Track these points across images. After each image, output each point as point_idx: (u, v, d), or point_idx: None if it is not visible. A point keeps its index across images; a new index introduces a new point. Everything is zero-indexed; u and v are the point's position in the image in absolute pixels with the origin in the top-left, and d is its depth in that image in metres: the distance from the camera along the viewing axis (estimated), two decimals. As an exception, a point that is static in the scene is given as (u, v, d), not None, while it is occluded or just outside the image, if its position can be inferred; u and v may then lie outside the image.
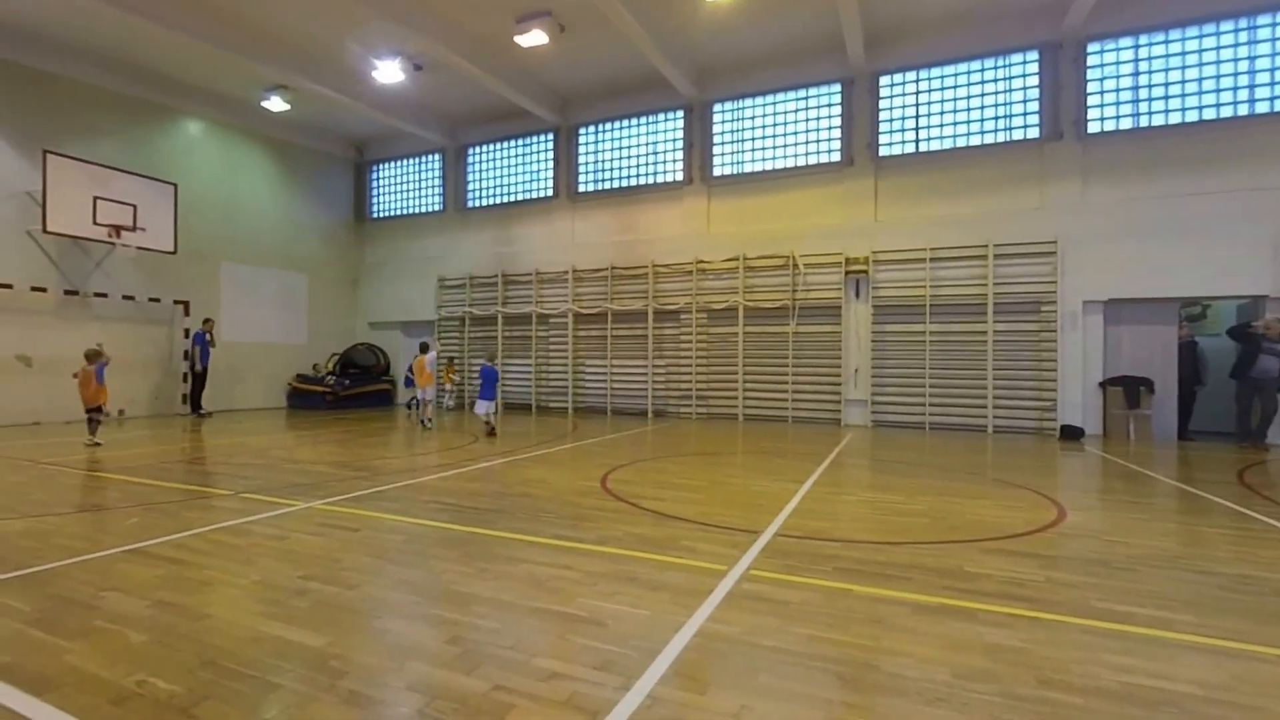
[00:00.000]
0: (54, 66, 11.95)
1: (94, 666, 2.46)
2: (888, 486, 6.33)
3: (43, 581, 3.41)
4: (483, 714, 2.17)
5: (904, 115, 12.24)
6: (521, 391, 15.45)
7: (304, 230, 16.69)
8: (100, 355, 8.95)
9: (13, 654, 2.57)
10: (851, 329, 12.40)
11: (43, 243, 11.75)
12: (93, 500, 5.42)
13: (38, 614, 2.97)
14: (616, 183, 14.79)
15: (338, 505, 5.24)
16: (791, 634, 2.83)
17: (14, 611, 2.99)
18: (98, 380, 8.84)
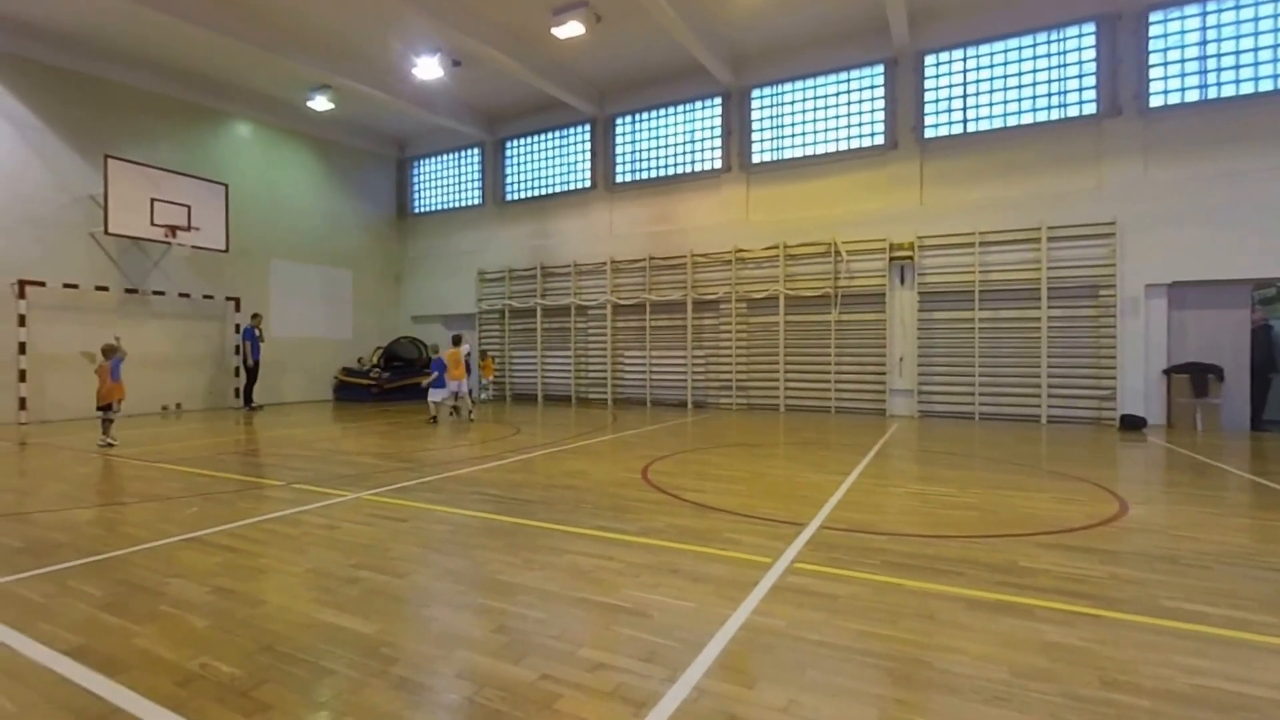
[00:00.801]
0: (113, 74, 12.51)
1: (161, 649, 2.57)
2: (936, 478, 6.14)
3: (112, 568, 3.58)
4: (530, 703, 2.18)
5: (951, 95, 11.80)
6: (561, 383, 15.58)
7: (348, 227, 17.13)
8: (116, 350, 8.68)
9: (86, 636, 2.70)
10: (896, 316, 12.07)
11: (105, 244, 12.36)
12: (155, 490, 5.68)
13: (108, 599, 3.12)
14: (654, 172, 14.70)
15: (385, 496, 5.36)
16: (839, 628, 2.77)
17: (86, 596, 3.15)
18: (113, 376, 8.53)
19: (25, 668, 2.43)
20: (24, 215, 11.42)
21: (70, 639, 2.66)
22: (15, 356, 11.14)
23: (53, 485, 5.89)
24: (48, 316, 11.61)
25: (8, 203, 11.24)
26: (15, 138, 11.36)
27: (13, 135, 11.33)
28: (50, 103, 11.74)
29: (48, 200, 11.71)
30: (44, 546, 3.97)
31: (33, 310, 11.34)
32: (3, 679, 2.34)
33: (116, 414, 8.47)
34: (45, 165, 11.70)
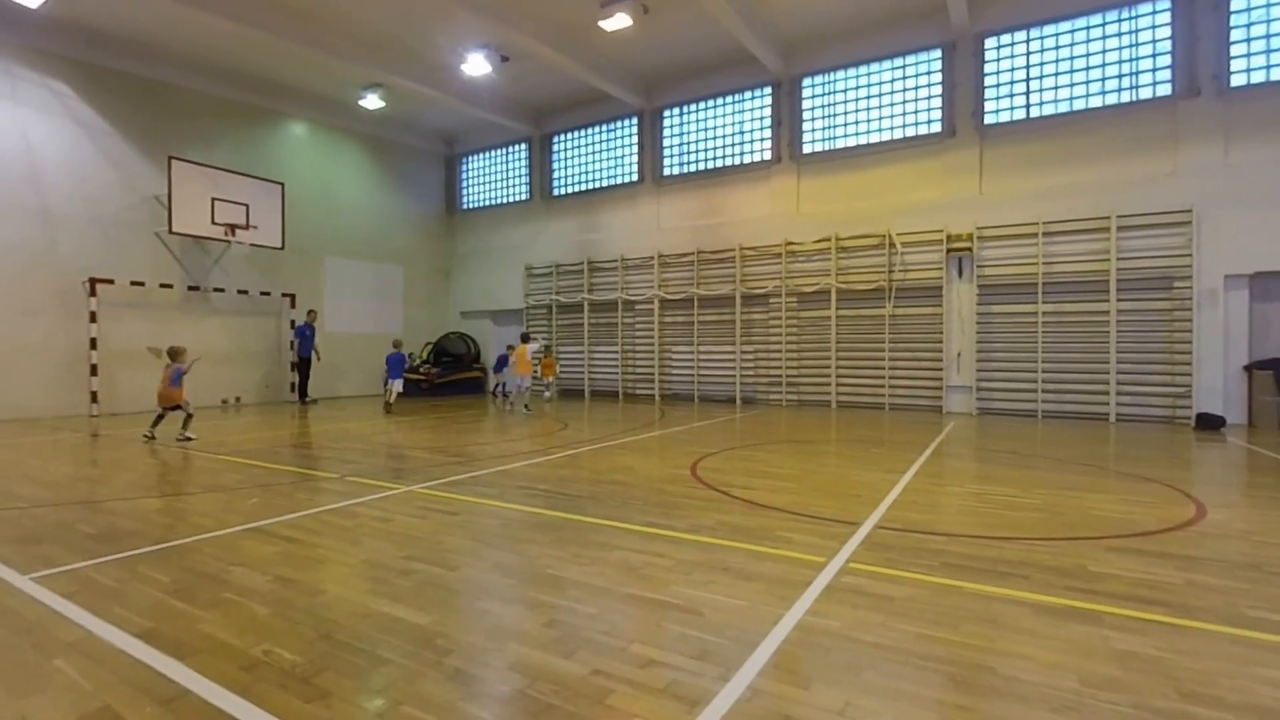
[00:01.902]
0: (175, 78, 13.10)
1: (225, 635, 2.65)
2: (997, 478, 5.88)
3: (179, 555, 3.73)
4: (582, 697, 2.16)
5: (1013, 79, 11.26)
6: (608, 378, 15.62)
7: (399, 223, 17.56)
8: (182, 355, 8.73)
9: (156, 620, 2.81)
10: (954, 310, 11.63)
11: (168, 242, 12.97)
12: (217, 481, 5.92)
13: (175, 585, 3.24)
14: (702, 165, 14.55)
15: (436, 489, 5.45)
16: (896, 630, 2.66)
17: (155, 582, 3.29)
18: (173, 383, 8.53)
19: (101, 649, 2.54)
20: (93, 216, 12.08)
21: (141, 623, 2.77)
22: (87, 352, 11.81)
23: (123, 475, 6.21)
24: (116, 313, 12.27)
25: (79, 204, 11.91)
26: (85, 141, 12.02)
27: (83, 139, 11.99)
28: (117, 107, 12.38)
29: (115, 201, 12.36)
30: (116, 533, 4.17)
31: (102, 307, 12.00)
32: (81, 659, 2.45)
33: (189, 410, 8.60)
34: (113, 167, 12.35)
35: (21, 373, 11.21)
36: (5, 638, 2.65)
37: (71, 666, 2.39)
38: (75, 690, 2.23)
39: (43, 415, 11.31)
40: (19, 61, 11.23)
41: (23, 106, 11.29)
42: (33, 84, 11.40)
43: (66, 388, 11.68)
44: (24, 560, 3.63)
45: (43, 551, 3.79)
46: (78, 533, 4.19)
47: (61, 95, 11.73)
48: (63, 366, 11.64)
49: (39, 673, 2.36)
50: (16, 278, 11.18)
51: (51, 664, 2.42)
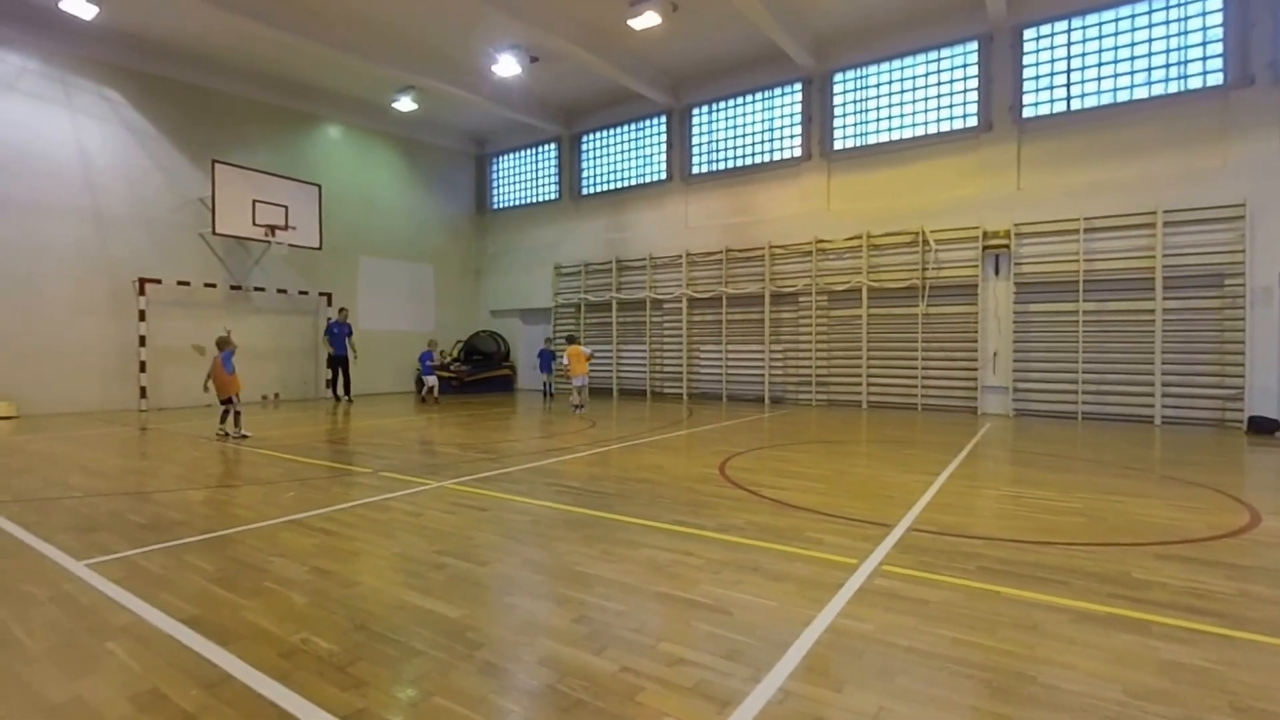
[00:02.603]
0: (219, 85, 13.52)
1: (266, 623, 2.73)
2: (1035, 481, 5.71)
3: (221, 545, 3.85)
4: (612, 694, 2.16)
5: (1053, 71, 10.91)
6: (636, 377, 15.64)
7: (430, 223, 17.85)
8: (227, 343, 8.56)
9: (201, 607, 2.91)
10: (990, 309, 11.33)
11: (212, 243, 13.41)
12: (257, 475, 6.10)
13: (219, 573, 3.35)
14: (731, 163, 14.46)
15: (467, 485, 5.53)
16: (931, 635, 2.61)
17: (200, 570, 3.40)
18: (225, 369, 8.36)
19: (150, 633, 2.64)
20: (142, 218, 12.55)
21: (187, 609, 2.87)
22: (136, 349, 12.29)
23: (169, 468, 6.44)
24: (163, 312, 12.73)
25: (129, 207, 12.39)
26: (135, 146, 12.49)
27: (133, 144, 12.46)
28: (165, 113, 12.83)
29: (162, 203, 12.82)
30: (163, 523, 4.33)
31: (151, 306, 12.46)
32: (131, 643, 2.56)
33: (238, 406, 8.46)
34: (161, 171, 12.81)
35: (77, 368, 11.71)
36: (62, 621, 2.78)
37: (122, 649, 2.50)
38: (126, 672, 2.32)
39: (96, 409, 11.80)
40: (75, 71, 11.73)
41: (79, 114, 11.80)
42: (87, 92, 11.90)
43: (117, 383, 12.17)
44: (80, 547, 3.80)
45: (97, 539, 3.96)
46: (128, 522, 4.37)
47: (114, 103, 12.22)
48: (114, 363, 12.14)
49: (92, 655, 2.47)
50: (73, 278, 11.69)
51: (104, 646, 2.53)
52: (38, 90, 11.37)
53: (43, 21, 11.12)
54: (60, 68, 11.58)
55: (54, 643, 2.58)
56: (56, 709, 2.11)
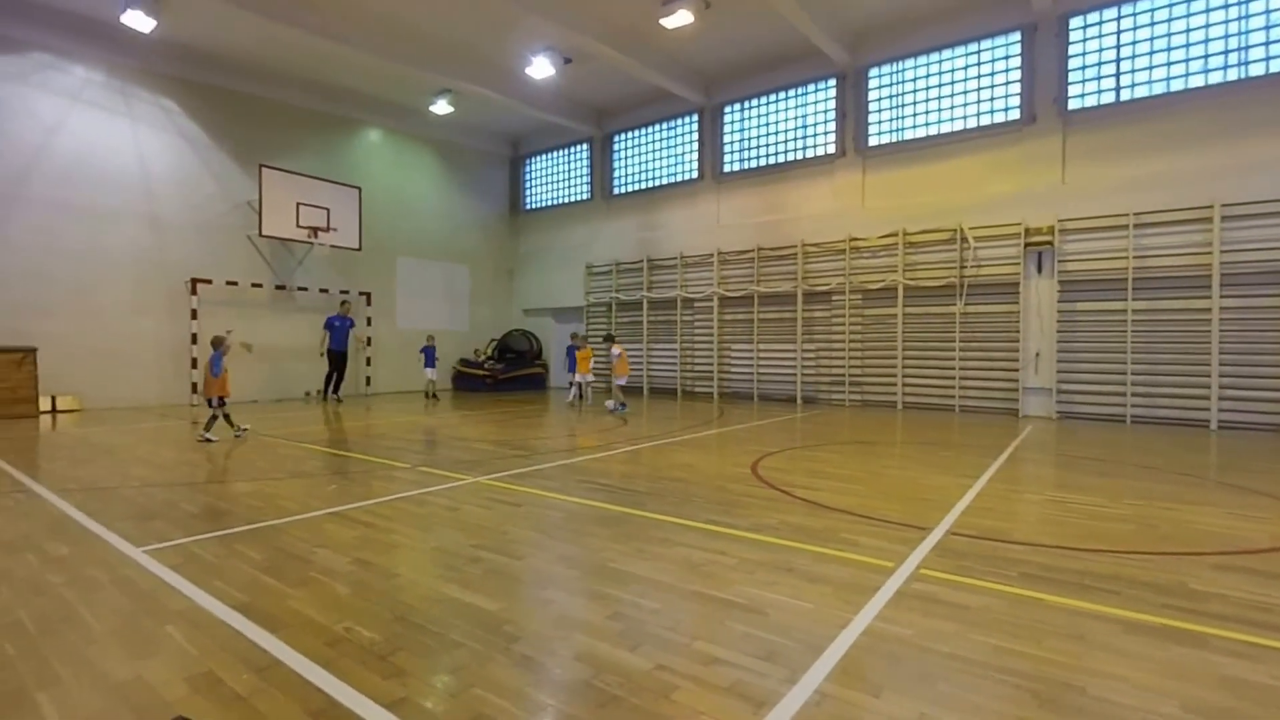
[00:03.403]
0: (266, 92, 13.98)
1: (311, 611, 2.82)
2: (1081, 486, 5.53)
3: (269, 535, 3.99)
4: (647, 691, 2.17)
5: (1101, 61, 10.52)
6: (666, 376, 15.64)
7: (465, 224, 18.14)
8: (220, 342, 8.05)
9: (250, 595, 3.02)
10: (1032, 308, 11.00)
11: (259, 245, 13.88)
12: (301, 468, 6.29)
13: (266, 563, 3.47)
14: (763, 160, 14.34)
15: (501, 481, 5.61)
16: (973, 642, 2.55)
17: (249, 559, 3.53)
18: (213, 370, 7.93)
19: (204, 618, 2.75)
20: (195, 221, 13.07)
21: (238, 596, 2.99)
22: (188, 346, 12.82)
23: (219, 460, 6.69)
24: (213, 311, 13.21)
25: (183, 211, 12.92)
26: (189, 153, 13.02)
27: (187, 151, 12.99)
28: (216, 120, 13.33)
29: (213, 207, 13.33)
30: (214, 513, 4.51)
31: (202, 305, 12.98)
32: (187, 627, 2.67)
33: (219, 409, 7.98)
34: (212, 176, 13.32)
35: (135, 365, 12.27)
36: (124, 604, 2.93)
37: (179, 633, 2.61)
38: (183, 655, 2.43)
39: (151, 403, 12.35)
40: (134, 82, 12.28)
41: (138, 123, 12.36)
42: (146, 102, 12.45)
43: (171, 379, 12.72)
44: (139, 534, 3.99)
45: (154, 527, 4.15)
46: (182, 511, 4.56)
47: (170, 111, 12.76)
48: (168, 359, 12.69)
49: (152, 637, 2.59)
50: (132, 279, 12.26)
51: (163, 630, 2.65)
52: (101, 101, 11.94)
53: (105, 36, 11.66)
54: (121, 79, 12.14)
55: (116, 625, 2.71)
56: (120, 687, 2.22)
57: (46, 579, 3.26)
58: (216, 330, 13.15)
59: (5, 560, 3.56)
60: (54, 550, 3.72)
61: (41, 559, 3.57)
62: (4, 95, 10.93)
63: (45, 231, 11.33)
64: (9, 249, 10.97)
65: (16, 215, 11.07)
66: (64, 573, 3.35)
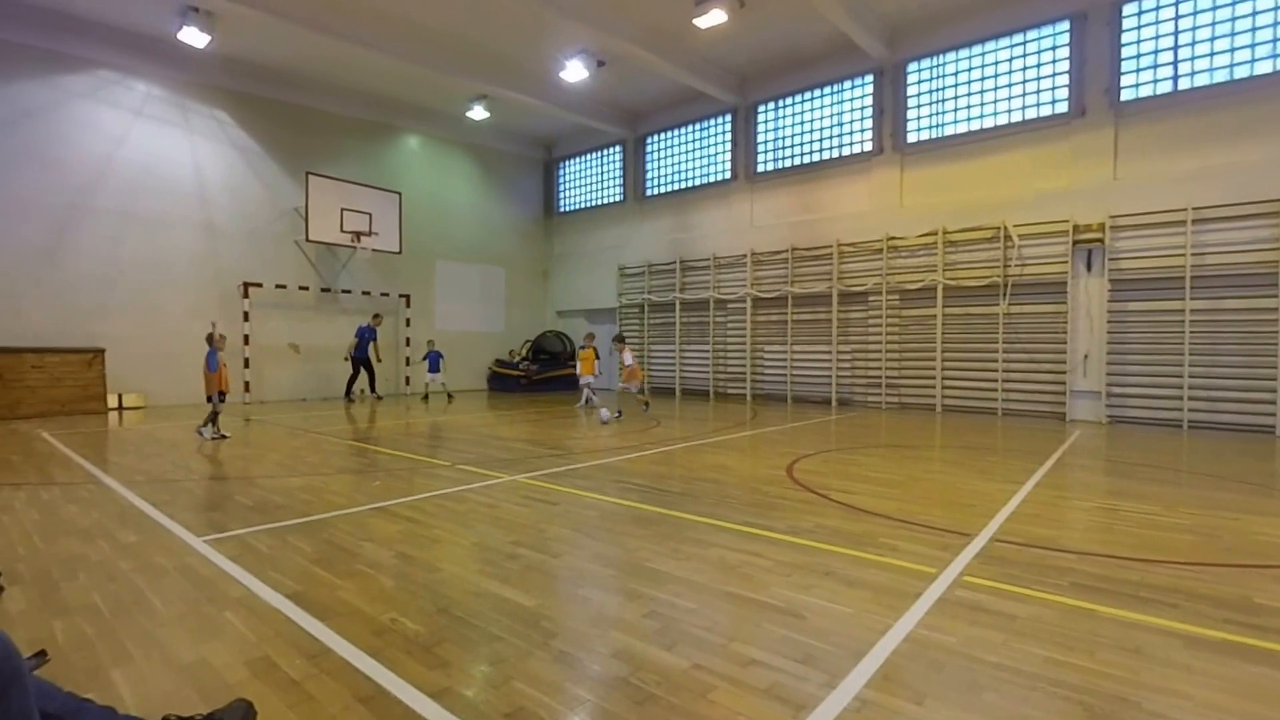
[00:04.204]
0: (312, 102, 14.48)
1: (359, 602, 2.92)
2: (1135, 494, 5.31)
3: (318, 528, 4.14)
4: (684, 690, 2.19)
5: (1157, 49, 10.09)
6: (699, 377, 15.60)
7: (501, 227, 18.44)
8: (212, 338, 7.99)
9: (303, 585, 3.14)
10: (1081, 307, 10.61)
11: (305, 249, 14.38)
12: (347, 464, 6.49)
13: (317, 554, 3.60)
14: (797, 160, 14.19)
15: (538, 480, 5.69)
16: (1021, 652, 2.48)
17: (300, 550, 3.67)
18: (208, 367, 7.92)
19: (260, 606, 2.88)
20: (247, 228, 13.63)
21: (291, 585, 3.11)
22: (241, 346, 13.33)
23: (271, 456, 6.95)
24: (263, 313, 13.76)
25: (236, 218, 13.49)
26: (240, 162, 13.57)
27: (239, 160, 13.55)
28: (266, 130, 13.87)
29: (263, 214, 13.87)
30: (268, 506, 4.69)
31: (253, 308, 13.51)
32: (245, 614, 2.80)
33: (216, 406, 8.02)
34: (262, 184, 13.86)
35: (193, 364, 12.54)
36: (188, 590, 3.08)
37: (238, 619, 2.74)
38: (242, 640, 2.55)
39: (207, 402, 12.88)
40: (190, 96, 12.89)
41: (194, 135, 12.97)
42: (201, 115, 13.05)
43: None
44: (199, 525, 4.19)
45: (212, 519, 4.35)
46: (238, 504, 4.77)
47: (223, 123, 13.33)
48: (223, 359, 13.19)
49: (214, 622, 2.72)
50: (189, 283, 12.86)
51: (223, 615, 2.78)
52: (161, 115, 12.57)
53: (164, 52, 12.27)
54: (179, 93, 12.75)
55: (181, 610, 2.86)
56: (186, 668, 2.35)
57: (118, 565, 3.46)
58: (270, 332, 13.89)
59: (81, 547, 3.79)
60: (124, 538, 3.94)
61: (113, 546, 3.79)
62: (75, 112, 11.59)
63: (111, 239, 11.97)
64: (79, 256, 11.62)
65: (86, 224, 11.72)
66: (133, 559, 3.54)
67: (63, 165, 11.47)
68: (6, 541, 3.87)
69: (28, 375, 10.56)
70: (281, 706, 2.08)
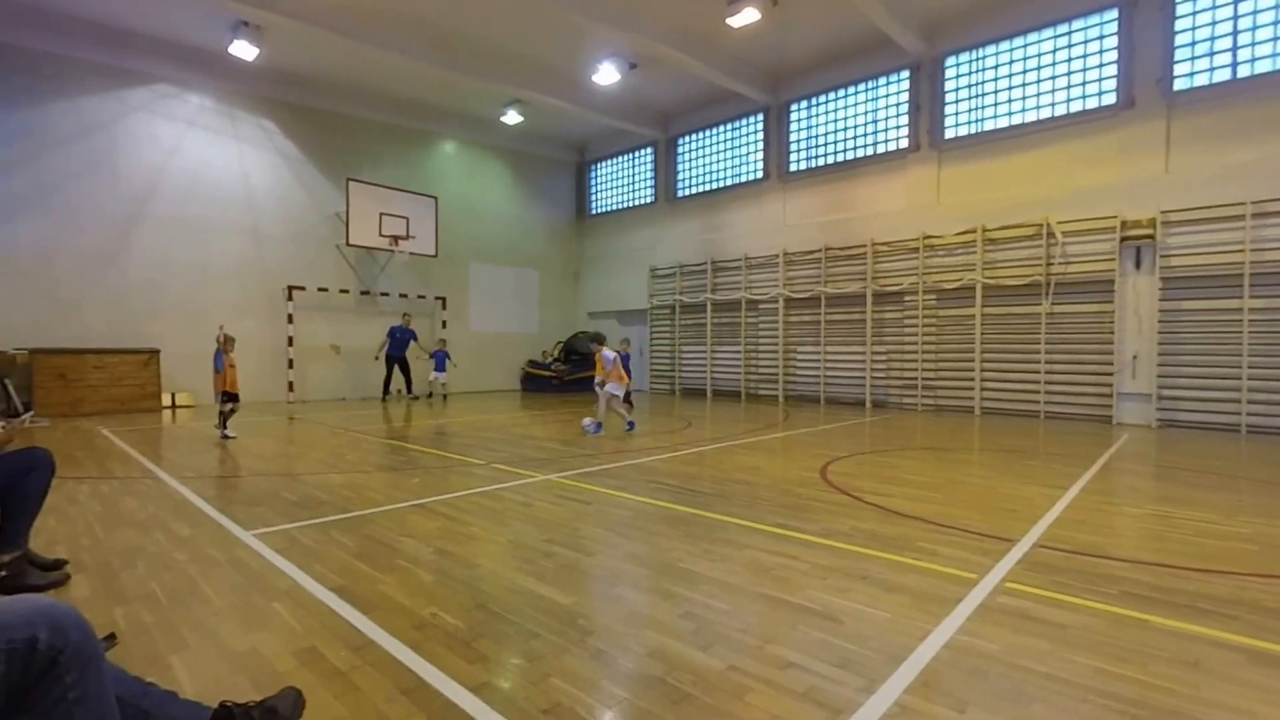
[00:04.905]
0: (352, 110, 14.90)
1: (400, 596, 2.99)
2: (1190, 501, 5.10)
3: (359, 524, 4.25)
4: (720, 691, 2.18)
5: (1214, 35, 9.66)
6: (730, 378, 15.52)
7: (534, 230, 18.65)
8: (218, 339, 8.12)
9: (346, 579, 3.23)
10: (1129, 306, 10.23)
11: (346, 253, 14.79)
12: (386, 462, 6.65)
13: (359, 549, 3.70)
14: (831, 158, 14.02)
15: (570, 479, 5.74)
16: (1070, 662, 2.40)
17: (343, 545, 3.78)
18: (215, 366, 8.06)
19: (306, 598, 2.97)
20: (291, 233, 14.10)
21: (335, 579, 3.21)
22: (285, 348, 13.79)
23: (314, 453, 7.16)
24: (306, 315, 14.20)
25: (281, 223, 13.96)
26: (285, 169, 14.05)
27: (284, 168, 14.03)
28: (309, 137, 14.33)
29: (306, 219, 14.33)
30: (312, 502, 4.84)
31: (297, 310, 13.95)
32: (292, 605, 2.89)
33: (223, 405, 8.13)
34: (305, 190, 14.32)
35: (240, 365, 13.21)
36: (239, 582, 3.20)
37: (286, 611, 2.83)
38: (289, 631, 2.64)
39: (254, 400, 13.34)
40: (238, 106, 13.41)
41: (242, 143, 13.48)
42: (248, 124, 13.55)
43: (270, 377, 13.74)
44: (248, 519, 4.35)
45: (260, 513, 4.51)
46: (283, 499, 4.92)
47: (269, 131, 13.82)
48: (268, 360, 13.72)
49: (263, 613, 2.82)
50: (237, 286, 13.37)
51: (271, 606, 2.88)
52: (212, 124, 13.11)
53: (215, 65, 12.81)
54: (228, 104, 13.28)
55: (233, 600, 2.97)
56: (238, 656, 2.44)
57: (174, 556, 3.62)
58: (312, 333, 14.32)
59: (140, 538, 3.97)
60: (178, 530, 4.12)
61: (169, 538, 3.96)
62: (134, 124, 12.17)
63: (164, 244, 12.51)
64: (135, 261, 12.19)
65: (142, 231, 12.29)
66: (187, 551, 3.70)
67: (122, 175, 12.05)
68: (72, 532, 4.08)
69: (89, 375, 11.10)
70: (328, 696, 2.14)
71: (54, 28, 11.24)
